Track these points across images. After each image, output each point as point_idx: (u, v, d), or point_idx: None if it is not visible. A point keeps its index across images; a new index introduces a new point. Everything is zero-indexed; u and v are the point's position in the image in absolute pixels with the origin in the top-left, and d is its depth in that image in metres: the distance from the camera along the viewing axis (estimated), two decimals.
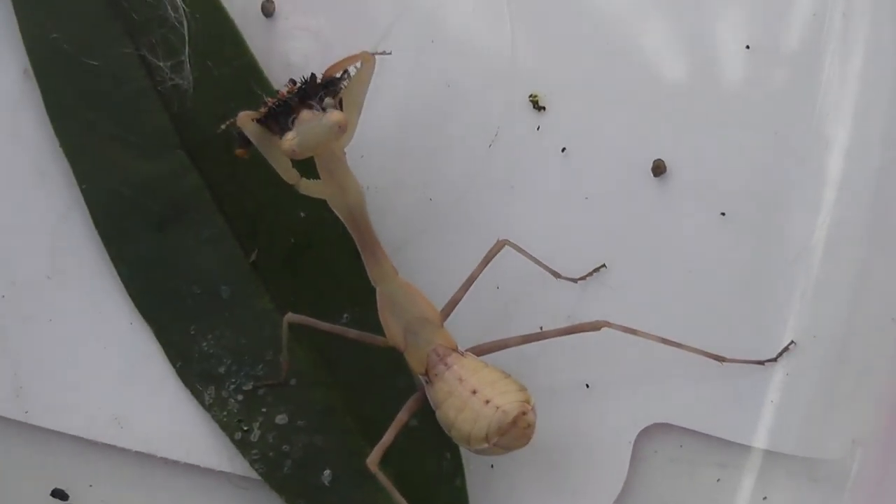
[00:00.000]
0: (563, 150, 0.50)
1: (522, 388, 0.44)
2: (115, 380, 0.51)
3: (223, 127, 0.45)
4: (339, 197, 0.45)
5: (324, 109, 0.44)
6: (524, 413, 0.43)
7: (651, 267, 0.50)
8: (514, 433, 0.43)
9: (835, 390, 0.49)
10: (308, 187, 0.46)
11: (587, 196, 0.50)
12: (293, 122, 0.44)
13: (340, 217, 0.46)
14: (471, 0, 0.51)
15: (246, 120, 0.44)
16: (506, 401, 0.43)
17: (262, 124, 0.44)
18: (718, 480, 0.49)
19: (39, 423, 0.50)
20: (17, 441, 0.51)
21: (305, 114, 0.43)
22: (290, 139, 0.43)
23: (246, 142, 0.45)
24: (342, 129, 0.43)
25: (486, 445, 0.44)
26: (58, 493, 0.50)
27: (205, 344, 0.50)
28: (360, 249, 0.46)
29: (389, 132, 0.50)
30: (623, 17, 0.51)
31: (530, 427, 0.43)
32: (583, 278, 0.49)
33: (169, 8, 0.49)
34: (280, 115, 0.44)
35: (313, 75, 0.44)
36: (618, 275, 0.50)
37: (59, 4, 0.50)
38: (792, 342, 0.48)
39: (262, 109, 0.44)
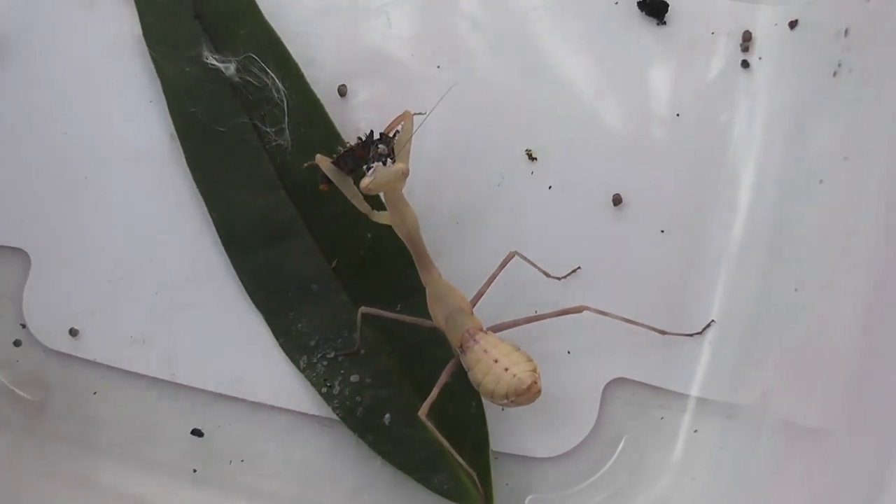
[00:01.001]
0: (550, 187, 0.57)
1: (530, 359, 0.48)
2: (238, 351, 0.56)
3: (305, 165, 0.51)
4: (401, 223, 0.50)
5: (393, 161, 0.48)
6: (535, 382, 0.47)
7: (612, 268, 0.56)
8: (526, 395, 0.47)
9: (746, 355, 0.54)
10: (377, 216, 0.51)
11: (567, 219, 0.56)
12: (368, 168, 0.48)
13: (401, 237, 0.50)
14: (481, 81, 0.57)
15: (321, 160, 0.48)
16: (520, 370, 0.47)
17: (334, 165, 0.49)
18: (662, 418, 0.55)
19: (184, 382, 0.56)
20: (167, 396, 0.57)
21: (378, 164, 0.48)
22: (367, 180, 0.48)
23: (327, 180, 0.49)
24: (405, 175, 0.48)
25: (505, 401, 0.48)
26: (196, 432, 0.56)
27: (300, 325, 0.55)
28: (415, 260, 0.51)
29: (427, 176, 0.55)
30: (589, 96, 0.57)
31: (539, 392, 0.47)
32: (565, 276, 0.55)
33: (273, 90, 0.55)
34: (349, 159, 0.49)
35: (371, 132, 0.49)
36: (589, 273, 0.56)
37: (196, 87, 0.56)
38: (713, 320, 0.55)
39: (334, 155, 0.49)
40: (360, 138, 0.50)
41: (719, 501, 0.53)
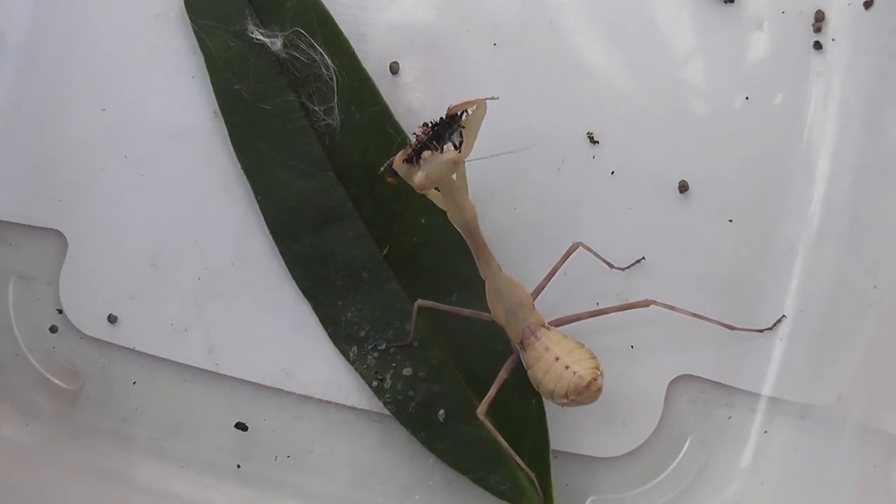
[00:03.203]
0: (613, 173, 0.55)
1: (593, 357, 0.47)
2: (284, 341, 0.55)
3: (381, 170, 0.48)
4: (458, 214, 0.48)
5: (441, 150, 0.46)
6: (595, 379, 0.46)
7: (678, 259, 0.54)
8: (587, 394, 0.46)
9: (821, 352, 0.53)
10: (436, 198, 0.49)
11: (630, 207, 0.55)
12: (419, 160, 0.46)
13: (458, 228, 0.49)
14: (540, 60, 0.55)
15: (399, 162, 0.47)
16: (581, 367, 0.46)
17: (409, 161, 0.47)
18: (730, 418, 0.54)
19: (227, 373, 0.56)
20: (209, 387, 0.56)
21: (427, 153, 0.46)
22: (420, 175, 0.46)
23: (395, 173, 0.48)
24: (456, 164, 0.46)
25: (564, 401, 0.47)
26: (240, 426, 0.56)
27: (349, 314, 0.54)
28: (473, 253, 0.49)
29: (484, 161, 0.50)
30: (654, 77, 0.55)
31: (599, 390, 0.46)
32: (628, 267, 0.54)
33: (322, 67, 0.53)
34: (421, 152, 0.47)
35: (441, 118, 0.47)
36: (654, 265, 0.54)
37: (240, 63, 0.54)
38: (784, 315, 0.53)
39: (409, 151, 0.47)
40: (426, 124, 0.47)
41: None
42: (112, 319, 0.57)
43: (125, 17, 0.58)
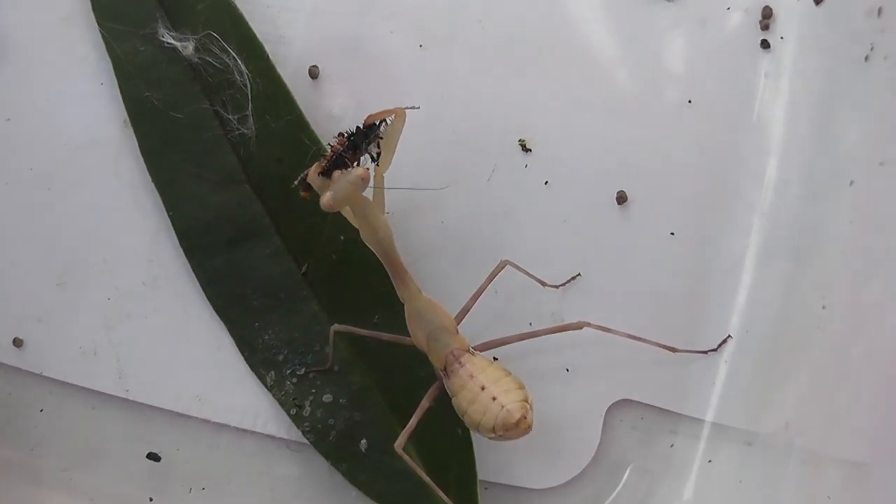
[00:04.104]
0: (546, 182, 0.54)
1: (521, 386, 0.46)
2: (198, 365, 0.53)
3: (296, 184, 0.47)
4: (371, 235, 0.47)
5: (358, 162, 0.45)
6: (524, 416, 0.45)
7: (616, 275, 0.53)
8: (516, 431, 0.45)
9: (767, 375, 0.51)
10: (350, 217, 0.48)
11: (565, 219, 0.53)
12: (330, 184, 0.45)
13: (373, 249, 0.48)
14: (469, 63, 0.54)
15: (314, 175, 0.46)
16: (509, 399, 0.45)
17: (324, 174, 0.45)
18: (672, 446, 0.52)
19: (138, 399, 0.53)
20: (120, 414, 0.54)
21: (335, 175, 0.45)
22: (325, 197, 0.45)
23: (308, 186, 0.46)
24: (365, 182, 0.45)
25: (492, 435, 0.46)
26: (152, 456, 0.53)
27: (267, 337, 0.53)
28: (390, 274, 0.48)
29: (410, 168, 0.51)
30: (591, 77, 0.54)
31: (529, 427, 0.45)
32: (563, 285, 0.53)
33: (236, 73, 0.52)
34: (339, 163, 0.46)
35: (358, 128, 0.46)
36: (590, 281, 0.53)
37: (151, 69, 0.53)
38: (729, 336, 0.52)
39: (324, 163, 0.45)
40: (342, 134, 0.46)
41: None
42: (18, 343, 0.55)
43: (30, 21, 0.56)
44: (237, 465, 0.54)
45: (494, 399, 0.45)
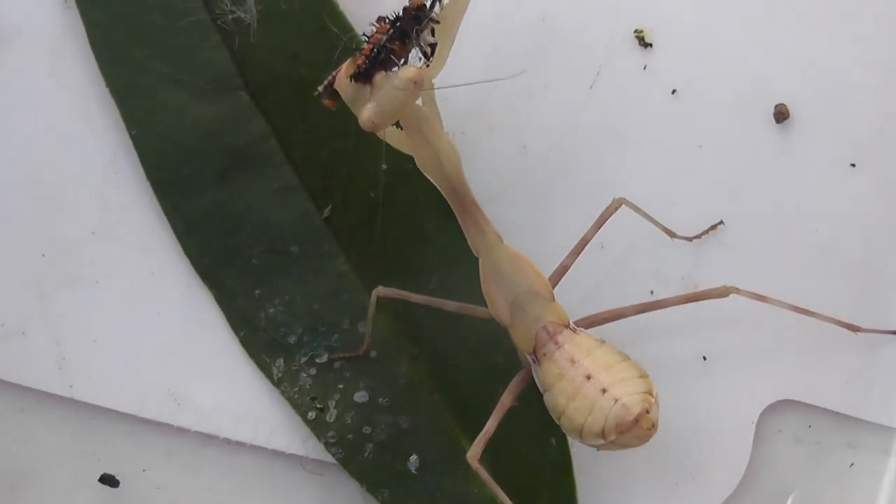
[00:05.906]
0: (674, 91, 0.48)
1: (644, 375, 0.41)
2: (171, 351, 0.48)
3: (319, 90, 0.42)
4: (432, 160, 0.42)
5: (402, 63, 0.41)
6: (647, 411, 0.40)
7: (774, 224, 0.47)
8: (634, 432, 0.40)
9: None
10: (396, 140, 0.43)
11: (701, 144, 0.47)
12: (372, 80, 0.40)
13: (434, 182, 0.43)
14: None
15: (345, 79, 0.41)
16: (626, 391, 0.41)
17: (356, 77, 0.41)
18: (851, 465, 0.46)
19: (86, 398, 0.47)
20: (61, 420, 0.48)
21: (379, 78, 0.40)
22: (366, 110, 0.40)
23: (336, 94, 0.42)
24: (420, 86, 0.40)
25: (601, 441, 0.41)
26: (107, 479, 0.47)
27: (272, 310, 0.47)
28: (458, 217, 0.43)
29: (478, 72, 0.46)
30: None
31: (653, 427, 0.40)
32: (699, 236, 0.47)
33: None
34: (380, 60, 0.41)
35: (405, 9, 0.41)
36: (737, 233, 0.47)
37: None
38: None
39: (360, 60, 0.41)
40: (384, 19, 0.41)
41: None
42: None
43: None
44: (230, 494, 0.48)
45: (605, 391, 0.40)
